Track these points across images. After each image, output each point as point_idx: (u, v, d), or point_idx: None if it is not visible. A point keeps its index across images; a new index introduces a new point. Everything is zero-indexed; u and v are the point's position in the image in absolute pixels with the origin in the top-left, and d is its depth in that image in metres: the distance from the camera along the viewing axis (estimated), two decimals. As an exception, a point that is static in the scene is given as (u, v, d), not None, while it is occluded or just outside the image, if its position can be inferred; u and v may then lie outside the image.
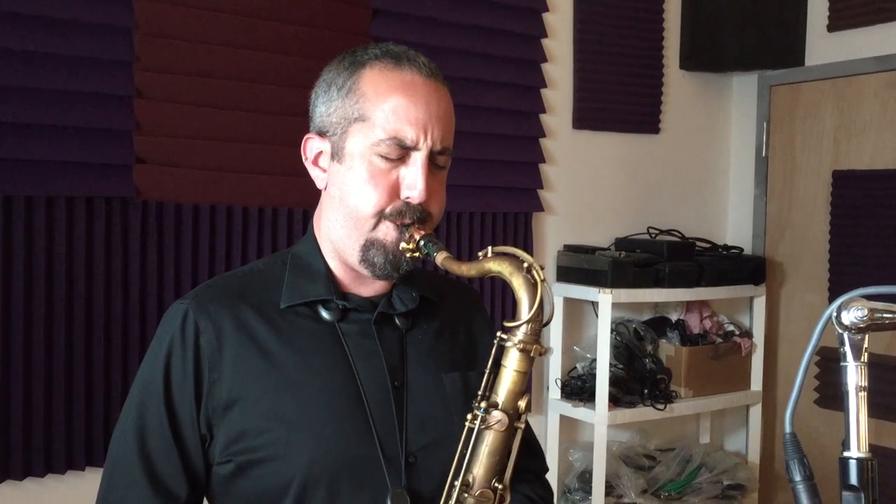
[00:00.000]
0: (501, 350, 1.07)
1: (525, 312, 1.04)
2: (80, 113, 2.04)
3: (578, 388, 2.92)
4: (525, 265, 1.06)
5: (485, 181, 2.77)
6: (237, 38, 2.27)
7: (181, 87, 2.19)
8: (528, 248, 2.90)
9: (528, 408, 1.07)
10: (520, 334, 1.05)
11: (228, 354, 1.10)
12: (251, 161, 2.30)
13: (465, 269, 1.09)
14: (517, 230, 2.88)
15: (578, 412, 2.87)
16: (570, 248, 3.02)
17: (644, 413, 2.87)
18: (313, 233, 1.21)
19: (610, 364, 2.80)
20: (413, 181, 1.10)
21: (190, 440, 1.10)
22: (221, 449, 1.10)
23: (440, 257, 1.08)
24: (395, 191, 1.11)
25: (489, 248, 1.09)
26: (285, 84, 2.34)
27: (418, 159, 1.10)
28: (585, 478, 2.87)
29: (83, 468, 2.07)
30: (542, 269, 1.06)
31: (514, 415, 1.05)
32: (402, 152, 1.10)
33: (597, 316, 2.85)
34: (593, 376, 2.83)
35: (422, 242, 1.10)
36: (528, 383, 1.08)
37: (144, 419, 1.11)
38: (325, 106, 1.15)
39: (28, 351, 1.99)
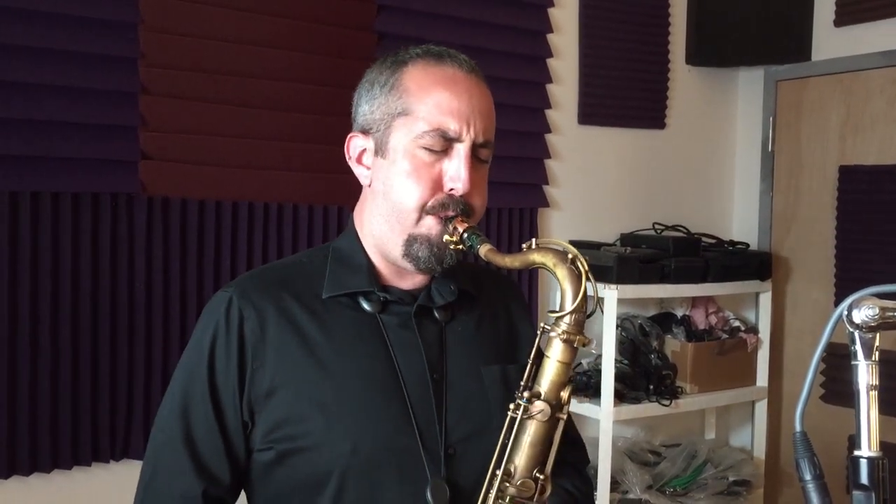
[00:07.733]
0: (545, 339, 1.07)
1: (569, 303, 1.05)
2: (85, 109, 2.04)
3: (584, 383, 2.91)
4: (570, 257, 1.06)
5: (490, 176, 2.75)
6: (242, 34, 2.27)
7: (186, 83, 2.19)
8: (534, 244, 2.89)
9: (570, 398, 1.07)
10: (563, 325, 1.05)
11: (271, 342, 1.12)
12: (257, 157, 2.30)
13: (509, 261, 1.10)
14: (522, 226, 2.88)
15: (584, 408, 2.87)
16: (575, 244, 3.00)
17: (649, 409, 2.87)
18: (354, 228, 1.23)
19: (615, 360, 2.79)
20: (456, 172, 1.12)
21: (232, 426, 1.12)
22: (262, 436, 1.12)
23: (483, 249, 1.09)
24: (438, 184, 1.12)
25: (533, 240, 1.10)
26: (291, 80, 2.34)
27: (461, 150, 1.12)
28: (590, 473, 2.87)
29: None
30: (586, 260, 1.06)
31: (556, 405, 1.05)
32: (446, 144, 1.12)
33: (602, 312, 2.85)
34: (598, 372, 2.83)
35: (465, 235, 1.11)
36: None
37: (189, 405, 1.13)
38: (368, 104, 1.17)
39: (35, 346, 1.99)
